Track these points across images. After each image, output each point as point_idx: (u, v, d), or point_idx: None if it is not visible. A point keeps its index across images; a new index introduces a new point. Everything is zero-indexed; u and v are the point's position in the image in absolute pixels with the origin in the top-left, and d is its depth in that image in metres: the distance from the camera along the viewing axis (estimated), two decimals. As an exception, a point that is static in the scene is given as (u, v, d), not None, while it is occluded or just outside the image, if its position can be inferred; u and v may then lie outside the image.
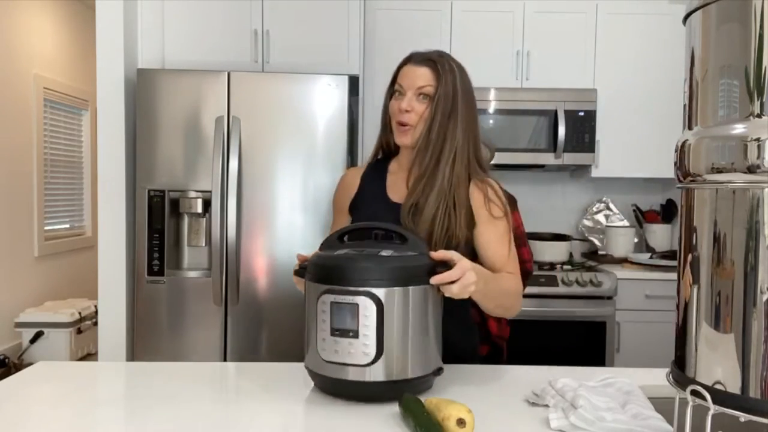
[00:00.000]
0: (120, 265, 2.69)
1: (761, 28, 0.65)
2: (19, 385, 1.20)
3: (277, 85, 2.56)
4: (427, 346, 1.13)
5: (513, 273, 1.39)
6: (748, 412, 0.65)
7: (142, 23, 2.79)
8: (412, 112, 1.36)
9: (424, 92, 1.36)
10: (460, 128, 1.36)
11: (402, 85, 1.39)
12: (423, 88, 1.36)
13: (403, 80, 1.39)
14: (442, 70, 1.37)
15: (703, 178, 0.71)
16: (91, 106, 5.03)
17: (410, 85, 1.38)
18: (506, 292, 1.35)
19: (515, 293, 1.38)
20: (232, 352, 2.57)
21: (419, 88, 1.37)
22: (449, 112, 1.35)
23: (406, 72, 1.40)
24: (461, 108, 1.37)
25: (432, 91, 1.36)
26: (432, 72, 1.37)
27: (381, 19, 3.08)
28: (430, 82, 1.36)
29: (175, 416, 1.04)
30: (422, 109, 1.37)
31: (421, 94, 1.37)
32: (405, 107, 1.36)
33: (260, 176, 2.56)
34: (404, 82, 1.39)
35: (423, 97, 1.37)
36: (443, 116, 1.35)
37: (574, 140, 3.05)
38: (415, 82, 1.37)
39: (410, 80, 1.38)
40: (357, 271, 1.10)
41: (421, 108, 1.37)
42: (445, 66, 1.38)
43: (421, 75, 1.37)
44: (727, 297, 0.68)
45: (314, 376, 1.16)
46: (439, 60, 1.38)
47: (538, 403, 1.11)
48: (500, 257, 1.37)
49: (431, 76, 1.37)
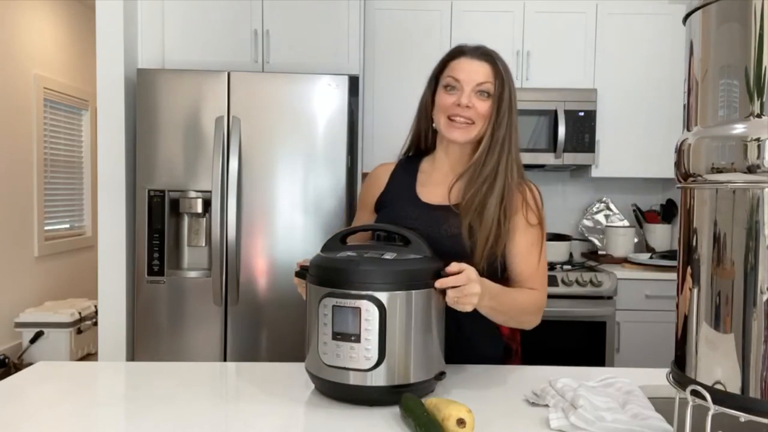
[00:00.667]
0: (120, 265, 2.69)
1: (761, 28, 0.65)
2: (19, 385, 1.20)
3: (277, 85, 2.56)
4: (429, 351, 1.12)
5: (536, 288, 1.32)
6: (748, 412, 0.65)
7: (142, 23, 2.79)
8: (473, 109, 1.28)
9: (483, 89, 1.29)
10: (514, 128, 1.30)
11: (458, 79, 1.29)
12: (483, 84, 1.28)
13: (459, 74, 1.29)
14: (502, 68, 1.30)
15: (703, 178, 0.71)
16: (91, 106, 5.03)
17: (468, 81, 1.28)
18: (521, 310, 1.29)
19: (533, 311, 1.31)
20: (232, 352, 2.57)
21: (479, 84, 1.28)
22: (509, 109, 1.29)
23: (461, 65, 1.30)
24: (515, 109, 1.31)
25: (491, 89, 1.29)
26: (492, 68, 1.29)
27: (381, 19, 3.08)
28: (489, 78, 1.29)
29: (175, 416, 1.04)
30: (483, 107, 1.29)
31: (480, 91, 1.29)
32: (466, 103, 1.27)
33: (260, 176, 2.56)
34: (460, 76, 1.29)
35: (481, 94, 1.29)
36: (506, 116, 1.28)
37: (574, 140, 3.05)
38: (473, 78, 1.28)
39: (467, 75, 1.28)
40: (359, 274, 1.07)
41: (482, 105, 1.29)
42: (503, 62, 1.31)
43: (479, 70, 1.29)
44: (727, 297, 0.68)
45: (315, 380, 1.14)
46: (496, 56, 1.31)
47: (538, 403, 1.11)
48: (527, 268, 1.31)
49: (491, 73, 1.29)
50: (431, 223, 1.30)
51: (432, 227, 1.29)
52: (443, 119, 1.31)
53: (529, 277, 1.31)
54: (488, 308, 1.19)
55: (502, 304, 1.22)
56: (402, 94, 3.04)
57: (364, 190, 1.48)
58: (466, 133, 1.30)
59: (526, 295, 1.30)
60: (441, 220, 1.31)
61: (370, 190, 1.45)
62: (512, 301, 1.26)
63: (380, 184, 1.42)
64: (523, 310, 1.29)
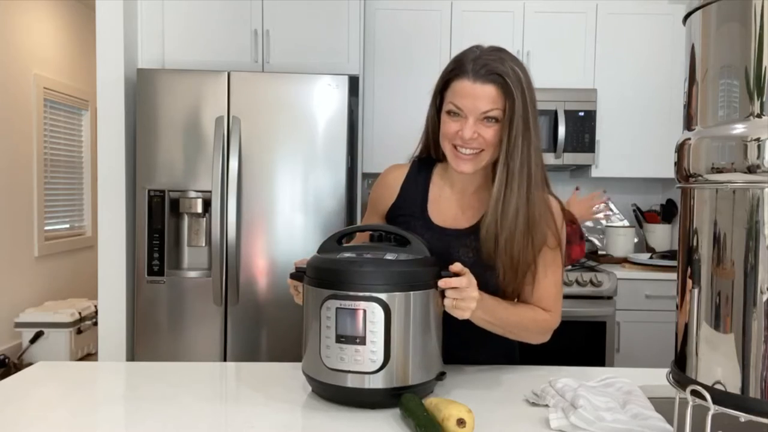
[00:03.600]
0: (120, 265, 2.69)
1: (761, 28, 0.65)
2: (19, 385, 1.20)
3: (277, 85, 2.56)
4: (430, 351, 1.11)
5: (549, 310, 1.26)
6: (748, 412, 0.65)
7: (142, 23, 2.79)
8: (479, 139, 1.16)
9: (490, 116, 1.15)
10: (534, 147, 1.16)
11: (460, 108, 1.16)
12: (489, 112, 1.14)
13: (462, 101, 1.15)
14: (513, 84, 1.13)
15: (703, 178, 0.71)
16: (91, 106, 5.03)
17: (472, 110, 1.14)
18: (520, 327, 1.24)
19: (535, 330, 1.26)
20: (232, 352, 2.57)
21: (484, 113, 1.14)
22: (524, 129, 1.14)
23: (463, 90, 1.15)
24: (533, 122, 1.15)
25: (500, 115, 1.14)
26: (499, 91, 1.13)
27: (381, 19, 3.08)
28: (497, 105, 1.14)
29: (175, 416, 1.04)
30: (490, 135, 1.16)
31: (487, 117, 1.15)
32: (469, 135, 1.15)
33: (260, 176, 2.56)
34: (463, 105, 1.15)
35: (488, 120, 1.15)
36: (520, 138, 1.14)
37: (574, 140, 3.05)
38: (478, 106, 1.14)
39: (471, 103, 1.14)
40: (364, 275, 1.06)
41: (489, 133, 1.16)
42: (512, 77, 1.13)
43: (484, 96, 1.14)
44: (727, 297, 0.68)
45: (314, 383, 1.12)
46: (504, 71, 1.13)
47: (538, 403, 1.11)
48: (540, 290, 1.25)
49: (498, 97, 1.14)
50: (444, 248, 1.25)
51: (444, 253, 1.23)
52: (449, 147, 1.21)
53: (541, 298, 1.26)
54: (482, 320, 1.18)
55: (497, 319, 1.20)
56: (402, 94, 3.04)
57: (376, 194, 1.40)
58: (474, 164, 1.20)
59: (531, 313, 1.25)
60: (454, 245, 1.26)
61: (382, 196, 1.37)
62: (510, 317, 1.22)
63: (392, 193, 1.35)
64: (524, 327, 1.25)
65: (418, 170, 1.35)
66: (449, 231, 1.29)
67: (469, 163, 1.20)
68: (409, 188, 1.34)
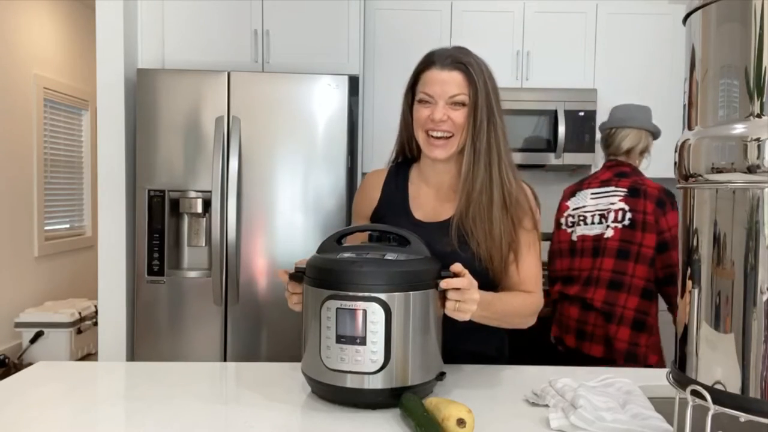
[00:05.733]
0: (120, 265, 2.69)
1: (761, 28, 0.65)
2: (19, 385, 1.20)
3: (277, 85, 2.56)
4: (430, 351, 1.11)
5: (533, 291, 1.31)
6: (748, 412, 0.65)
7: (142, 23, 2.79)
8: (448, 121, 1.24)
9: (457, 100, 1.24)
10: (500, 130, 1.25)
11: (430, 94, 1.25)
12: (456, 96, 1.24)
13: (431, 88, 1.25)
14: (475, 73, 1.24)
15: (703, 178, 0.71)
16: (91, 106, 5.03)
17: (441, 94, 1.24)
18: (514, 314, 1.28)
19: (527, 313, 1.31)
20: (232, 352, 2.57)
21: (452, 97, 1.24)
22: (488, 114, 1.24)
23: (432, 78, 1.26)
24: (497, 110, 1.26)
25: (466, 99, 1.24)
26: (464, 77, 1.24)
27: (381, 19, 3.08)
28: (463, 89, 1.24)
29: (175, 416, 1.04)
30: (459, 119, 1.25)
31: (454, 102, 1.25)
32: (440, 117, 1.24)
33: (260, 176, 2.56)
34: (432, 91, 1.25)
35: (457, 105, 1.25)
36: (485, 123, 1.24)
37: (574, 140, 3.05)
38: (446, 90, 1.24)
39: (440, 88, 1.24)
40: (365, 275, 1.06)
41: (458, 117, 1.25)
42: (475, 67, 1.24)
43: (451, 81, 1.24)
44: (727, 297, 0.68)
45: (314, 383, 1.12)
46: (467, 61, 1.25)
47: (538, 403, 1.11)
48: (522, 272, 1.30)
49: (464, 82, 1.24)
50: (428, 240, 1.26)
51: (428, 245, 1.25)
52: (422, 135, 1.29)
53: (523, 280, 1.31)
54: (480, 317, 1.19)
55: (494, 312, 1.22)
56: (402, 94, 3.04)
57: (357, 201, 1.47)
58: (447, 149, 1.27)
59: (520, 299, 1.30)
60: (436, 237, 1.28)
61: (363, 200, 1.44)
62: (504, 307, 1.26)
63: (374, 196, 1.41)
64: (517, 314, 1.29)
65: (396, 173, 1.42)
66: (431, 224, 1.33)
67: (441, 149, 1.27)
68: (389, 190, 1.40)
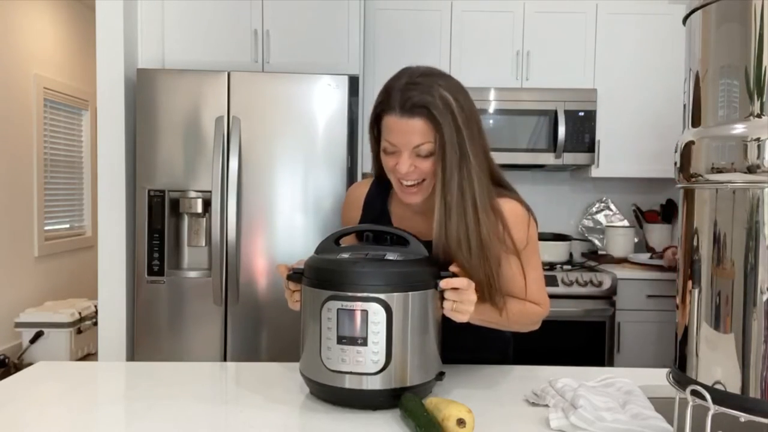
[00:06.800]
0: (120, 265, 2.69)
1: (761, 28, 0.65)
2: (19, 385, 1.20)
3: (277, 85, 2.56)
4: (430, 352, 1.11)
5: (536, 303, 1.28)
6: (748, 412, 0.65)
7: (142, 23, 2.79)
8: (417, 171, 1.16)
9: (423, 151, 1.14)
10: (474, 165, 1.13)
11: (393, 143, 1.15)
12: (421, 146, 1.13)
13: (393, 137, 1.14)
14: (440, 115, 1.10)
15: (703, 178, 0.71)
16: (91, 106, 5.03)
17: (404, 144, 1.14)
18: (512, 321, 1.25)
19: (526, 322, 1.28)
20: (232, 352, 2.57)
21: (416, 147, 1.13)
22: (460, 156, 1.12)
23: (392, 126, 1.14)
24: (470, 144, 1.13)
25: (432, 148, 1.13)
26: (427, 123, 1.11)
27: (381, 19, 3.08)
28: (427, 137, 1.12)
29: (175, 416, 1.04)
30: (427, 166, 1.15)
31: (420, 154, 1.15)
32: (406, 170, 1.15)
33: (260, 176, 2.56)
34: (395, 140, 1.14)
35: (423, 155, 1.15)
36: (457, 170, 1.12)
37: (574, 140, 3.05)
38: (409, 141, 1.13)
39: (402, 138, 1.13)
40: (366, 276, 1.05)
41: (426, 166, 1.15)
42: (440, 106, 1.10)
43: (413, 131, 1.12)
44: (727, 297, 0.68)
45: (313, 384, 1.11)
46: (428, 102, 1.10)
47: (538, 403, 1.11)
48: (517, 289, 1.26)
49: (427, 129, 1.12)
50: None
51: None
52: (394, 180, 1.22)
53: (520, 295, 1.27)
54: (479, 321, 1.19)
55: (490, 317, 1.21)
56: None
57: (344, 213, 1.44)
58: (421, 194, 1.21)
59: (521, 306, 1.27)
60: None
61: (349, 213, 1.42)
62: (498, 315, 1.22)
63: (357, 211, 1.39)
64: (515, 321, 1.26)
65: (378, 191, 1.37)
66: None
67: (415, 195, 1.21)
68: (371, 209, 1.37)
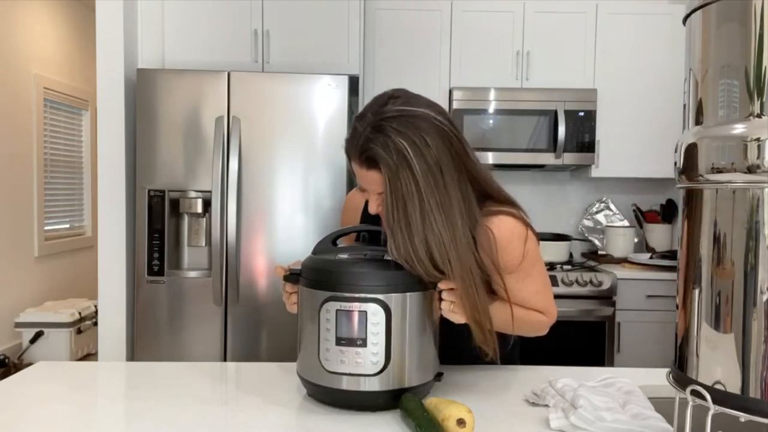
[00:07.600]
0: (120, 265, 2.69)
1: (761, 28, 0.65)
2: (19, 385, 1.20)
3: (277, 85, 2.56)
4: (428, 352, 1.11)
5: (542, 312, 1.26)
6: (748, 412, 0.65)
7: (142, 23, 2.79)
8: None
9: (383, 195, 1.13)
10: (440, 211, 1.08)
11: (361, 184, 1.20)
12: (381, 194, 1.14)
13: (360, 180, 1.19)
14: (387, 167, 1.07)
15: (703, 178, 0.71)
16: (91, 106, 5.03)
17: (370, 188, 1.17)
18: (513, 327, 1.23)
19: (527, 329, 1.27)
20: (231, 352, 2.57)
21: (380, 194, 1.15)
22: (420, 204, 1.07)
23: (356, 171, 1.17)
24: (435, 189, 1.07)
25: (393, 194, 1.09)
26: (378, 174, 1.10)
27: (381, 19, 3.08)
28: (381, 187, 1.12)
29: (175, 416, 1.04)
30: None
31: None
32: (375, 211, 1.19)
33: (260, 176, 2.56)
34: (362, 184, 1.19)
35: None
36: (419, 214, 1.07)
37: (574, 140, 3.05)
38: (371, 188, 1.16)
39: (365, 184, 1.17)
40: (365, 276, 1.05)
41: None
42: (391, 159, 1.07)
43: (371, 180, 1.14)
44: (727, 297, 0.68)
45: (311, 386, 1.10)
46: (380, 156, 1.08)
47: (538, 403, 1.11)
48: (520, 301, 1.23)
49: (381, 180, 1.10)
50: None
51: None
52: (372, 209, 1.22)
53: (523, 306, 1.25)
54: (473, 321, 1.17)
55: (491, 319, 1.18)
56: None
57: (343, 219, 1.48)
58: None
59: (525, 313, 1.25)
60: None
61: (347, 218, 1.45)
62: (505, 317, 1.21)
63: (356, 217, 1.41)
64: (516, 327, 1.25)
65: None
66: None
67: None
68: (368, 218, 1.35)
